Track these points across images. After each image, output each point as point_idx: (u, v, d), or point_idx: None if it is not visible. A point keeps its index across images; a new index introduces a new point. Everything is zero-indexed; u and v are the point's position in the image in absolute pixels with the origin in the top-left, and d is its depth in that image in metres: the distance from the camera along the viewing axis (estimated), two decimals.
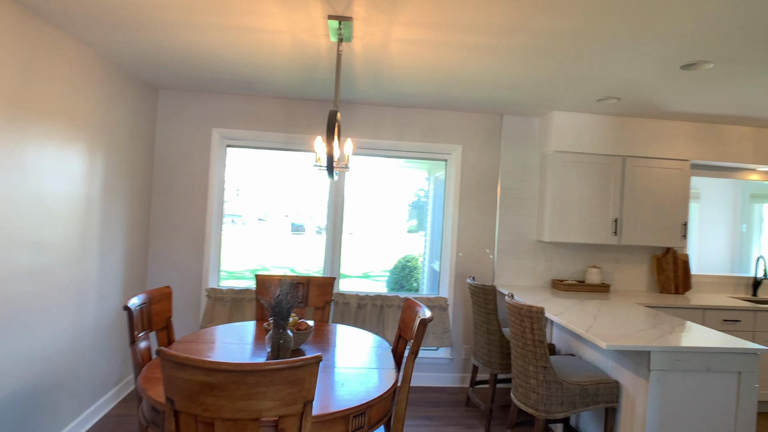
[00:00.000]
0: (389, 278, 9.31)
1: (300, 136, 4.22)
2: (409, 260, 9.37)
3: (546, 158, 4.30)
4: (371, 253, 11.20)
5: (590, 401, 2.86)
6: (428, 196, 8.44)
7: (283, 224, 11.96)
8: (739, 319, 4.00)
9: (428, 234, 8.37)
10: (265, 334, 2.85)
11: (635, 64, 2.78)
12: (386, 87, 3.61)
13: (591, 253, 4.55)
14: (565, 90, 3.44)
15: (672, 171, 4.28)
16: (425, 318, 2.32)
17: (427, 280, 8.61)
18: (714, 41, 2.40)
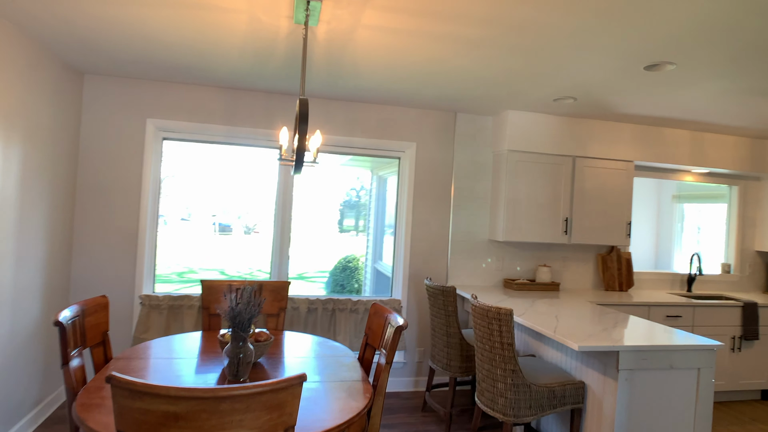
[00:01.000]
0: (329, 279, 9.07)
1: (245, 130, 3.92)
2: (350, 261, 9.17)
3: (500, 157, 4.28)
4: (306, 254, 10.86)
5: (557, 403, 2.83)
6: (371, 195, 8.28)
7: (209, 224, 11.28)
8: (680, 315, 4.17)
9: (371, 234, 8.23)
10: (216, 346, 2.58)
11: (602, 62, 2.78)
12: (343, 79, 3.42)
13: (541, 252, 4.59)
14: (525, 88, 3.40)
15: (617, 171, 4.40)
16: (400, 325, 2.15)
17: (371, 281, 8.46)
18: (679, 43, 2.42)
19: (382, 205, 7.69)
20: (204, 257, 11.35)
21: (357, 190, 9.02)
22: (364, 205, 9.20)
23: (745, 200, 5.12)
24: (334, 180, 5.13)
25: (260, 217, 11.02)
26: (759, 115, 3.77)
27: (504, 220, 4.15)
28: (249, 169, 5.05)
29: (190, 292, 3.85)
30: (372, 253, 8.03)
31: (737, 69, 2.77)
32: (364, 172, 8.01)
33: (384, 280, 7.20)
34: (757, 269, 5.18)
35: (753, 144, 4.69)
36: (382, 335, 2.41)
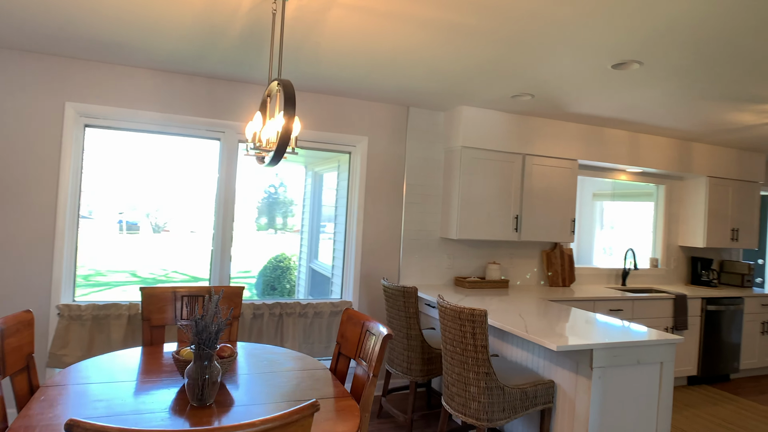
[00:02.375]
0: (258, 281, 8.63)
1: (184, 118, 3.53)
2: (282, 260, 8.79)
3: (452, 154, 4.20)
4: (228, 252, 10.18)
5: (529, 404, 2.77)
6: (305, 192, 7.96)
7: (114, 222, 10.32)
8: (622, 309, 4.33)
9: (306, 232, 7.92)
10: (160, 364, 2.24)
11: (573, 57, 2.75)
12: (299, 65, 3.15)
13: (490, 250, 4.58)
14: (487, 83, 3.33)
15: (563, 170, 4.48)
16: (387, 334, 1.97)
17: (305, 281, 8.15)
18: (649, 42, 2.43)
19: (317, 203, 7.42)
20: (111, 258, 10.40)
21: (276, 187, 8.65)
22: (284, 202, 8.81)
23: (671, 198, 5.45)
24: (250, 176, 4.72)
25: (173, 214, 10.24)
26: (697, 118, 3.97)
27: (458, 218, 4.08)
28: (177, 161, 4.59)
29: (118, 300, 3.39)
30: (307, 252, 7.74)
31: (697, 72, 2.86)
32: (296, 167, 7.69)
33: (321, 280, 6.94)
34: (680, 263, 5.54)
35: (681, 146, 4.99)
36: (360, 344, 2.21)
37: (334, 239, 5.95)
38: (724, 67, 2.76)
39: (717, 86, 3.10)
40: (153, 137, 3.63)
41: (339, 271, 5.19)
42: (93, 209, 10.66)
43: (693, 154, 5.06)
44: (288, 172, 7.70)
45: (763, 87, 3.07)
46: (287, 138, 1.61)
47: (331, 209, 7.02)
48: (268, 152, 1.85)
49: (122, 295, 8.07)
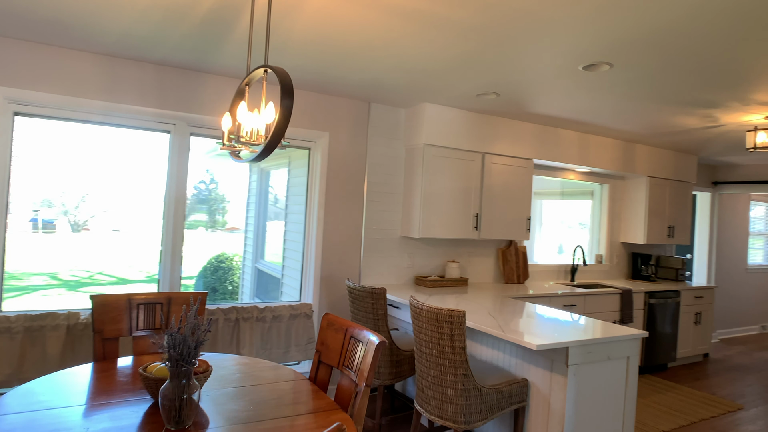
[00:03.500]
0: (197, 282, 8.20)
1: (130, 108, 3.22)
2: (223, 261, 8.41)
3: (414, 151, 4.13)
4: (151, 252, 9.64)
5: (505, 404, 2.76)
6: (249, 190, 7.65)
7: (27, 220, 9.48)
8: (575, 304, 4.46)
9: (253, 231, 7.63)
10: (114, 384, 2.00)
11: (544, 56, 2.75)
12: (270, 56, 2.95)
13: (449, 248, 4.57)
14: (455, 80, 3.28)
15: (519, 169, 4.55)
16: (381, 342, 1.85)
17: (251, 282, 7.84)
18: (622, 44, 2.47)
19: (264, 201, 7.15)
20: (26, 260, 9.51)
21: (207, 183, 8.30)
22: (215, 199, 8.45)
23: (613, 197, 5.70)
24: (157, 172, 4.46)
25: (95, 212, 9.52)
26: (646, 120, 4.14)
27: (420, 217, 4.02)
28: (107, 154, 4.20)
29: (54, 309, 3.04)
30: (252, 251, 7.44)
31: (661, 76, 2.95)
32: (237, 163, 7.36)
33: (268, 281, 6.70)
34: (622, 259, 5.80)
35: (625, 147, 5.22)
36: (344, 352, 2.08)
37: (285, 238, 5.74)
38: (685, 73, 2.87)
39: (674, 90, 3.23)
40: (83, 128, 3.29)
41: (292, 272, 4.99)
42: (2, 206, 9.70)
43: (635, 155, 5.31)
44: (221, 167, 7.32)
45: (714, 93, 3.23)
46: (282, 131, 1.46)
47: (274, 207, 6.77)
48: (252, 146, 1.68)
49: (45, 301, 7.38)
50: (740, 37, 2.31)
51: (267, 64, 1.60)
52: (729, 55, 2.56)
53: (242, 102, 1.66)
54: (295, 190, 5.21)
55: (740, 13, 2.06)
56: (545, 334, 2.70)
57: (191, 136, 3.50)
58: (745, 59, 2.62)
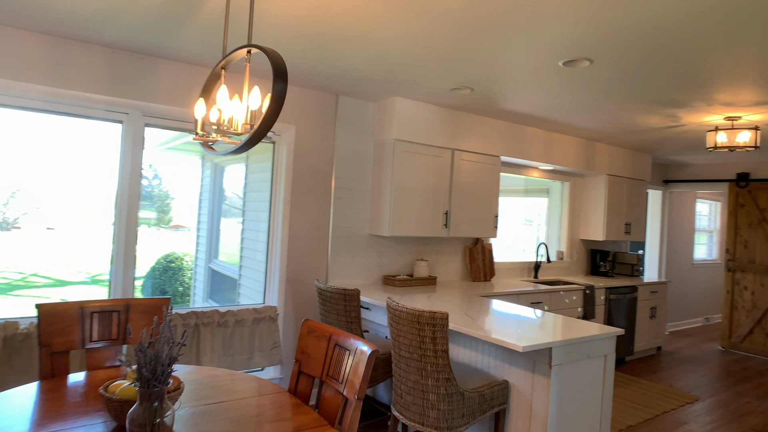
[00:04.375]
0: (146, 283, 7.76)
1: (78, 95, 2.91)
2: (173, 260, 8.00)
3: (384, 147, 4.00)
4: (94, 252, 9.08)
5: (487, 407, 2.68)
6: (202, 186, 7.29)
7: None
8: (542, 301, 4.47)
9: (206, 229, 7.29)
10: (63, 405, 1.77)
11: (525, 51, 2.68)
12: (230, 40, 2.73)
13: (417, 246, 4.47)
14: (430, 73, 3.17)
15: (487, 166, 4.51)
16: (374, 351, 1.71)
17: (204, 282, 7.49)
18: (603, 39, 2.43)
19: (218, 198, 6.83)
20: None
21: (150, 179, 7.93)
22: (159, 195, 8.06)
23: (573, 195, 5.79)
24: (114, 164, 4.07)
25: (26, 209, 8.85)
26: (611, 119, 4.18)
27: (390, 214, 3.90)
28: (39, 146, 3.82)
29: None
30: (206, 251, 7.11)
31: (637, 74, 2.95)
32: (189, 158, 7.03)
33: (223, 282, 6.41)
34: (581, 255, 5.91)
35: (586, 145, 5.29)
36: (328, 362, 1.93)
37: (242, 236, 5.49)
38: (661, 72, 2.88)
39: (648, 89, 3.25)
40: (20, 115, 2.96)
41: (251, 272, 4.76)
42: None
43: (596, 154, 5.40)
44: (166, 162, 6.92)
45: (683, 92, 3.28)
46: (273, 119, 1.29)
47: (229, 204, 6.50)
48: (233, 136, 1.50)
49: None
50: (714, 37, 2.32)
51: (252, 43, 1.42)
52: (702, 54, 2.58)
53: (222, 86, 1.47)
54: (254, 186, 4.96)
55: (714, 13, 2.05)
56: (527, 334, 2.64)
57: (146, 127, 3.22)
58: (717, 59, 2.65)
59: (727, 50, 2.51)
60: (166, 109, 3.20)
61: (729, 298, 6.18)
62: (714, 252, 8.13)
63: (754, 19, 2.11)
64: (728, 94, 3.28)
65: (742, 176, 6.10)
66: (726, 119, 3.84)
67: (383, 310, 3.64)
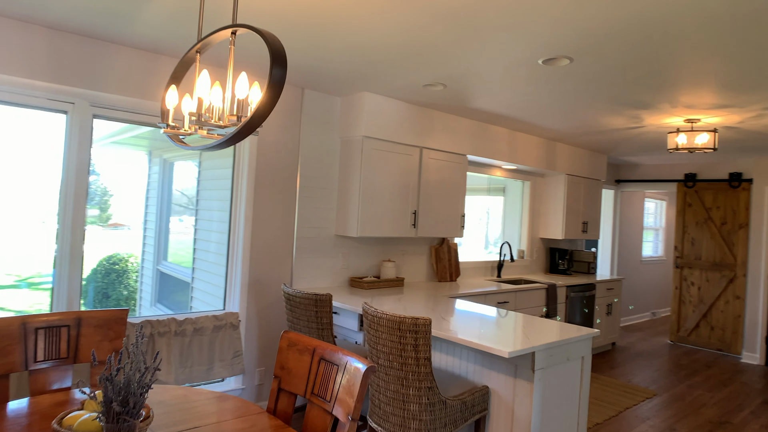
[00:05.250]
0: (86, 287, 7.26)
1: (12, 80, 2.59)
2: (116, 262, 7.54)
3: (352, 144, 3.85)
4: (23, 252, 8.46)
5: (468, 415, 2.59)
6: (148, 182, 6.89)
7: None
8: (508, 300, 4.46)
9: (155, 229, 6.89)
10: None
11: (505, 47, 2.60)
12: (192, 27, 2.49)
13: (384, 247, 4.35)
14: (405, 67, 3.05)
15: (455, 164, 4.44)
16: (370, 367, 1.57)
17: (151, 286, 7.08)
18: (585, 38, 2.39)
19: (167, 195, 6.45)
20: None
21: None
22: (97, 192, 7.59)
23: (534, 194, 5.84)
24: (51, 159, 3.64)
25: None
26: (575, 118, 4.21)
27: (359, 214, 3.75)
28: None
29: None
30: (154, 252, 6.70)
31: (611, 74, 2.94)
32: (134, 153, 6.62)
33: (173, 285, 6.07)
34: (541, 254, 5.97)
35: (548, 145, 5.34)
36: (314, 378, 1.76)
37: (195, 237, 5.21)
38: (634, 72, 2.88)
39: (619, 89, 3.26)
40: None
41: (205, 275, 4.51)
42: None
43: (556, 154, 5.46)
44: (106, 156, 6.49)
45: (651, 93, 3.32)
46: (269, 109, 1.12)
47: (179, 202, 6.17)
48: (216, 129, 1.31)
49: None
50: (686, 41, 2.32)
51: (240, 23, 1.23)
52: (673, 57, 2.59)
53: (203, 71, 1.28)
54: (208, 184, 4.68)
55: (686, 18, 2.04)
56: (508, 338, 2.57)
57: (95, 119, 2.91)
58: (685, 62, 2.67)
59: (694, 54, 2.53)
60: (118, 100, 2.91)
61: (677, 294, 6.44)
62: (660, 249, 8.49)
63: (719, 25, 2.12)
64: (692, 96, 3.34)
65: (690, 177, 6.36)
66: (686, 121, 3.95)
67: (353, 314, 3.50)
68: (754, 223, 5.81)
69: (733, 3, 1.94)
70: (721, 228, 6.07)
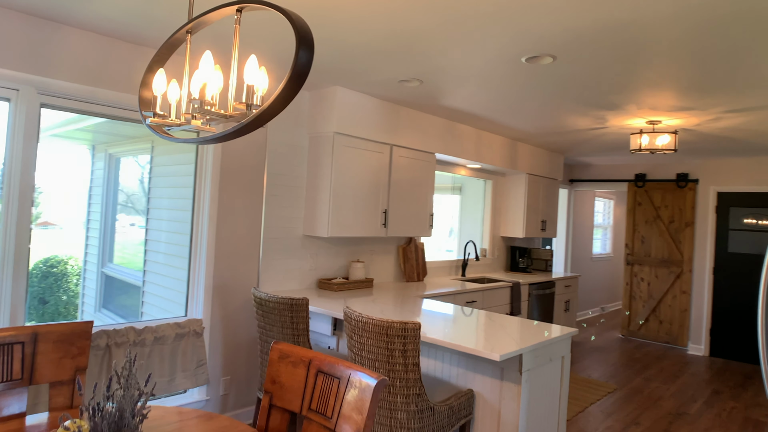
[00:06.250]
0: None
1: None
2: (55, 265, 7.02)
3: (322, 140, 3.69)
4: None
5: (455, 420, 2.52)
6: (91, 178, 6.45)
7: None
8: (476, 300, 4.45)
9: (99, 229, 6.49)
10: None
11: (488, 44, 2.55)
12: (154, 10, 2.27)
13: (352, 247, 4.22)
14: (383, 60, 2.94)
15: (423, 163, 4.38)
16: (382, 380, 1.45)
17: (96, 290, 6.66)
18: (569, 36, 2.37)
19: (113, 193, 6.05)
20: None
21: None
22: None
23: (495, 193, 5.88)
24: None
25: None
26: (543, 118, 4.24)
27: (329, 214, 3.61)
28: None
29: None
30: (98, 253, 6.27)
31: (590, 73, 2.95)
32: (73, 146, 6.18)
33: (121, 289, 5.70)
34: (502, 252, 6.03)
35: (511, 144, 5.38)
36: (309, 393, 1.63)
37: (147, 238, 4.91)
38: (610, 72, 2.91)
39: (594, 89, 3.28)
40: None
41: (158, 278, 4.25)
42: None
43: (518, 153, 5.52)
44: (44, 150, 6.08)
45: (621, 95, 3.38)
46: (291, 96, 0.98)
47: (127, 201, 5.85)
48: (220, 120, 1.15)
49: None
50: (658, 43, 2.36)
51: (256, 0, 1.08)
52: (648, 59, 2.63)
53: (207, 52, 1.12)
54: (161, 181, 4.40)
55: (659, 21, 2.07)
56: (494, 341, 2.53)
57: (42, 108, 2.62)
58: (656, 65, 2.72)
59: (661, 57, 2.57)
60: (70, 87, 2.63)
61: (628, 290, 6.69)
62: (608, 246, 8.82)
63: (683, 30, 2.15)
64: (657, 98, 3.43)
65: (640, 177, 6.62)
66: (648, 123, 4.06)
67: (325, 318, 3.36)
68: (700, 221, 6.13)
69: (696, 10, 1.96)
70: (669, 226, 6.36)
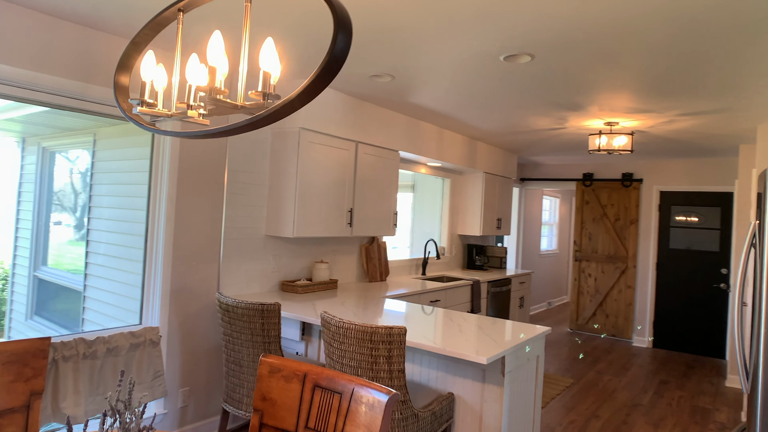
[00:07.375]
0: None
1: None
2: None
3: (286, 136, 3.53)
4: None
5: (437, 425, 2.46)
6: (22, 173, 5.96)
7: None
8: (439, 299, 4.42)
9: (32, 229, 5.99)
10: None
11: (467, 41, 2.50)
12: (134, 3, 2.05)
13: (315, 247, 4.08)
14: (357, 53, 2.83)
15: (387, 161, 4.30)
16: (393, 396, 1.35)
17: (28, 296, 6.15)
18: (548, 35, 2.37)
19: (48, 190, 5.57)
20: None
21: None
22: None
23: (453, 191, 5.90)
24: None
25: None
26: (504, 117, 4.27)
27: (295, 213, 3.45)
28: None
29: None
30: (30, 256, 5.77)
31: (562, 74, 2.97)
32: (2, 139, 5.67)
33: (58, 294, 5.27)
34: (459, 250, 6.06)
35: (470, 143, 5.40)
36: (306, 409, 1.51)
37: (88, 239, 4.57)
38: (581, 71, 2.94)
39: (561, 88, 3.31)
40: None
41: (100, 282, 3.97)
42: None
43: (477, 152, 5.55)
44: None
45: (584, 96, 3.44)
46: (325, 84, 0.86)
47: (64, 198, 5.39)
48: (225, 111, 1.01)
49: None
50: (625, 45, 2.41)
51: None
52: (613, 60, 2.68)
53: (216, 32, 0.98)
54: (104, 178, 4.08)
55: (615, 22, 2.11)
56: (474, 342, 2.49)
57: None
58: (619, 67, 2.78)
59: (621, 59, 2.64)
60: (8, 71, 2.34)
61: (576, 285, 6.93)
62: (554, 243, 9.11)
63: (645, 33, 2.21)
64: (618, 99, 3.52)
65: (588, 176, 6.87)
66: (606, 124, 4.18)
67: (293, 322, 3.21)
68: (643, 219, 6.43)
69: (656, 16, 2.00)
70: (615, 223, 6.64)
